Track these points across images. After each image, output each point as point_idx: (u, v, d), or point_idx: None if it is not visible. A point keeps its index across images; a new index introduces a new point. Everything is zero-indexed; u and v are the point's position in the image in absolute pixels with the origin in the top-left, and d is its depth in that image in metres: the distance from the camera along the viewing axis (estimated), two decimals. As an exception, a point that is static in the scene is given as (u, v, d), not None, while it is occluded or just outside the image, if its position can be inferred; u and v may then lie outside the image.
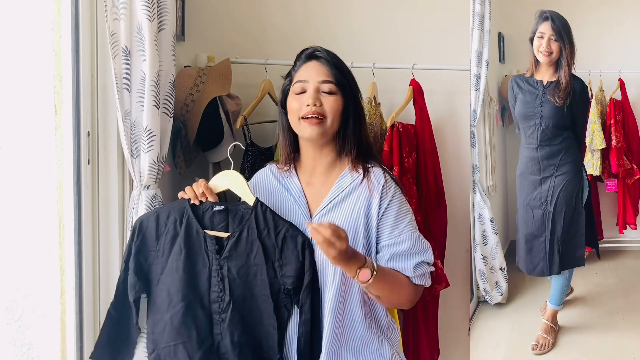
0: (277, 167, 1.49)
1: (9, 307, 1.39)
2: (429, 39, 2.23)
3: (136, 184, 1.51)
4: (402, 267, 1.36)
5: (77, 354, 1.44)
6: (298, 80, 1.39)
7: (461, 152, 2.26)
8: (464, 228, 2.27)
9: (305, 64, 1.41)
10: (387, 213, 1.37)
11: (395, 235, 1.36)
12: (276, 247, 1.35)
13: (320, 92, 1.37)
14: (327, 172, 1.43)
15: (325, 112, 1.36)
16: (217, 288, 1.36)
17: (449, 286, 1.97)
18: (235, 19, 2.20)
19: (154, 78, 1.47)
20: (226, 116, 1.98)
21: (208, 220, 1.39)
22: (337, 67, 1.39)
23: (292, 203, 1.43)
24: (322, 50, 1.41)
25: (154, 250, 1.38)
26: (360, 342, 1.38)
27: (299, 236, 1.35)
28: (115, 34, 1.43)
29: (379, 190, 1.38)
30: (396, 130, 1.91)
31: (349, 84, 1.40)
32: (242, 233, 1.36)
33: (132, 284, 1.37)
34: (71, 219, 1.43)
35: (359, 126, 1.41)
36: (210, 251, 1.37)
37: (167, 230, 1.38)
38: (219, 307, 1.36)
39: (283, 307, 1.36)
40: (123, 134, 1.46)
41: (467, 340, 2.27)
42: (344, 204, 1.39)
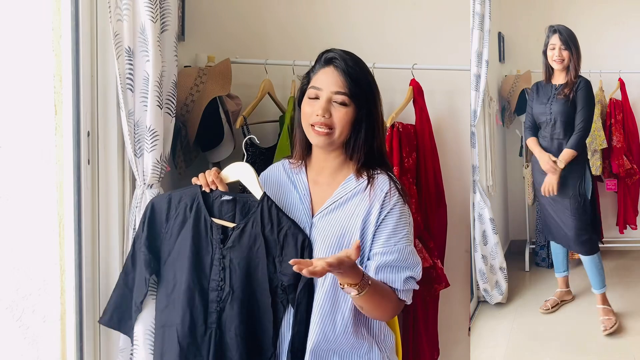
0: (289, 162, 1.49)
1: (9, 307, 1.39)
2: (429, 39, 2.23)
3: (139, 183, 1.51)
4: (392, 279, 1.35)
5: (77, 354, 1.44)
6: (313, 86, 1.38)
7: (461, 152, 2.26)
8: (464, 228, 2.27)
9: (323, 68, 1.39)
10: (385, 221, 1.36)
11: (390, 245, 1.35)
12: (277, 243, 1.36)
13: (332, 102, 1.36)
14: (334, 174, 1.43)
15: (334, 124, 1.35)
16: (217, 277, 1.38)
17: (449, 286, 1.97)
18: (236, 19, 2.20)
19: (157, 78, 1.48)
20: (226, 116, 1.99)
21: (217, 209, 1.41)
22: (352, 76, 1.36)
23: (297, 200, 1.43)
24: (340, 58, 1.38)
25: (163, 231, 1.42)
26: (348, 346, 1.37)
27: (300, 234, 1.36)
28: (119, 34, 1.44)
29: (381, 198, 1.37)
30: (396, 130, 1.91)
31: (364, 95, 1.37)
32: (246, 225, 1.38)
33: (147, 261, 1.40)
34: (71, 219, 1.43)
35: (371, 135, 1.39)
36: (215, 239, 1.39)
37: (178, 213, 1.41)
38: (217, 296, 1.37)
39: (280, 303, 1.36)
40: (127, 133, 1.47)
41: (467, 340, 2.27)
42: (345, 207, 1.39)
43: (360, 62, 1.41)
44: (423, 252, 1.85)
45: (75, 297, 1.44)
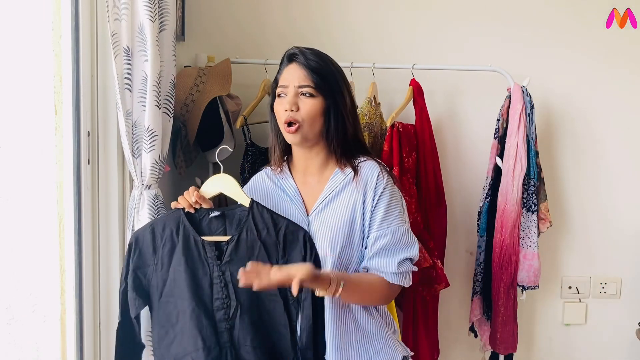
0: (271, 170, 1.50)
1: (9, 307, 1.39)
2: (429, 39, 2.23)
3: (137, 183, 1.51)
4: (385, 263, 1.37)
5: (77, 354, 1.44)
6: (279, 85, 1.42)
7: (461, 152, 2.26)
8: (464, 228, 2.27)
9: (286, 66, 1.42)
10: (379, 204, 1.39)
11: (384, 227, 1.38)
12: (278, 244, 1.34)
13: (299, 95, 1.38)
14: (320, 170, 1.45)
15: (301, 117, 1.37)
16: (220, 295, 1.34)
17: (449, 286, 1.97)
18: (235, 19, 2.21)
19: (155, 78, 1.48)
20: (226, 116, 1.99)
21: (206, 227, 1.37)
22: (314, 69, 1.39)
23: (289, 203, 1.45)
24: (300, 53, 1.41)
25: (152, 264, 1.36)
26: (363, 335, 1.41)
27: (300, 231, 1.35)
28: (117, 34, 1.43)
29: (373, 183, 1.40)
30: (396, 130, 1.91)
31: (328, 85, 1.39)
32: (240, 235, 1.35)
33: (131, 299, 1.35)
34: (71, 219, 1.43)
35: (342, 125, 1.41)
36: (210, 258, 1.34)
37: (164, 242, 1.35)
38: (224, 315, 1.33)
39: (292, 305, 1.34)
40: (125, 134, 1.46)
41: (467, 340, 2.27)
42: (338, 198, 1.41)
43: (321, 54, 1.43)
44: (423, 252, 1.85)
45: (75, 297, 1.44)
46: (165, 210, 1.56)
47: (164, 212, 1.56)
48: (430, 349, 2.06)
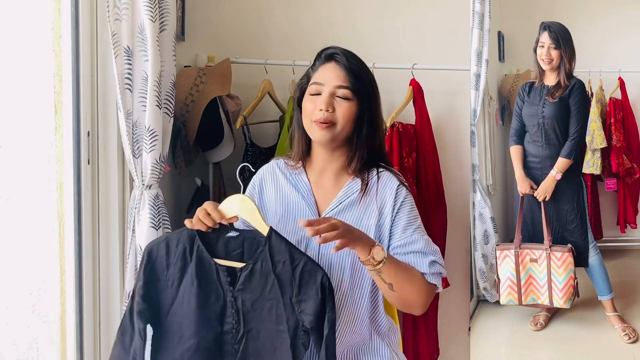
0: (285, 163, 1.46)
1: (9, 307, 1.39)
2: (428, 38, 2.23)
3: (137, 183, 1.51)
4: (417, 263, 1.35)
5: (77, 354, 1.44)
6: (314, 82, 1.37)
7: (461, 151, 2.26)
8: (464, 228, 2.27)
9: (324, 65, 1.38)
10: (399, 214, 1.37)
11: (407, 236, 1.36)
12: (294, 281, 1.26)
13: (335, 96, 1.34)
14: (337, 175, 1.41)
15: (336, 119, 1.33)
16: (231, 319, 1.28)
17: (449, 286, 1.97)
18: (235, 19, 2.21)
19: (156, 78, 1.48)
20: (226, 116, 1.99)
21: (221, 247, 1.29)
22: (354, 72, 1.36)
23: (300, 199, 1.40)
24: (341, 54, 1.37)
25: (163, 279, 1.29)
26: (362, 343, 1.39)
27: (319, 272, 1.26)
28: (117, 34, 1.44)
29: (392, 194, 1.37)
30: (396, 130, 1.91)
31: (365, 90, 1.36)
32: (255, 265, 1.27)
33: (140, 311, 1.27)
34: (71, 219, 1.43)
35: (372, 133, 1.38)
36: (223, 282, 1.28)
37: (177, 259, 1.28)
38: (232, 338, 1.28)
39: (300, 344, 1.26)
40: (125, 134, 1.46)
41: (467, 340, 2.27)
42: (354, 208, 1.38)
43: (360, 60, 1.40)
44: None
45: (75, 297, 1.44)
46: (165, 210, 1.56)
47: (165, 212, 1.56)
48: (430, 349, 2.06)
